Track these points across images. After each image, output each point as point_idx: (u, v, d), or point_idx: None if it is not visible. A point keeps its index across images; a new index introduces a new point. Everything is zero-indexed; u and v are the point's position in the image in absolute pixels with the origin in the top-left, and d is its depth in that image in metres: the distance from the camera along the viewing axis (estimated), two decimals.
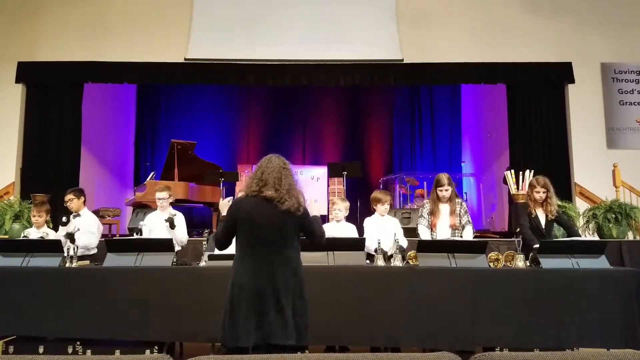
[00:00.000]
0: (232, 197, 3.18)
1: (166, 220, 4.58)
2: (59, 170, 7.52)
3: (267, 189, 2.68)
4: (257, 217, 2.66)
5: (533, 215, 4.35)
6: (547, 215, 4.34)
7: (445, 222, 4.33)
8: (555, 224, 4.44)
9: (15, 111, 7.59)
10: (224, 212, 2.98)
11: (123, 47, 7.68)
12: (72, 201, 4.75)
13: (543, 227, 4.33)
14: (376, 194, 4.65)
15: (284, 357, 1.49)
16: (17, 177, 7.45)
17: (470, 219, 4.41)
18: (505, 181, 6.82)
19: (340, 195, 7.72)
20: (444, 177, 4.38)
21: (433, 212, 4.36)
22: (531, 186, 4.45)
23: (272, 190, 2.67)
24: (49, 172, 7.49)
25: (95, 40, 7.72)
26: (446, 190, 4.32)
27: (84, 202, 4.85)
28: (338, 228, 4.48)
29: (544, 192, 4.32)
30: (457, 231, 4.33)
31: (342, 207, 4.54)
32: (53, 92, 7.71)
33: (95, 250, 4.74)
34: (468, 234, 4.29)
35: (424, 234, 4.35)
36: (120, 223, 8.10)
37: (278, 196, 2.66)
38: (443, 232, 4.31)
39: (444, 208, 4.36)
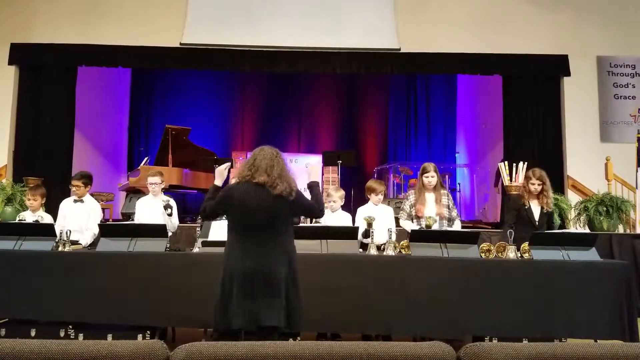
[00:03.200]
0: (229, 164, 3.17)
1: (165, 207, 4.57)
2: (52, 153, 7.46)
3: (259, 175, 2.70)
4: (249, 202, 2.68)
5: (526, 207, 4.39)
6: (542, 208, 4.37)
7: (431, 210, 4.36)
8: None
9: (8, 93, 7.50)
10: (217, 179, 3.00)
11: (118, 30, 7.59)
12: (79, 188, 4.74)
13: (537, 219, 4.36)
14: (371, 183, 4.66)
15: (276, 344, 1.50)
16: (9, 160, 7.39)
17: (457, 213, 4.47)
18: (498, 174, 6.86)
19: (334, 184, 7.73)
20: (429, 165, 4.47)
21: (419, 201, 4.40)
22: (527, 178, 4.49)
23: (264, 175, 2.69)
24: (42, 156, 7.42)
25: (90, 22, 7.62)
26: (432, 176, 4.37)
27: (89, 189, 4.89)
28: (334, 218, 4.49)
29: (539, 185, 4.36)
30: (444, 220, 4.36)
31: (336, 198, 4.55)
32: (47, 74, 7.61)
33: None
34: (457, 228, 4.34)
35: (408, 226, 4.39)
36: (114, 208, 8.08)
37: (270, 181, 2.68)
38: None
39: (430, 197, 4.41)
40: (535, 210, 4.39)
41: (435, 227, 4.26)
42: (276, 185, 2.68)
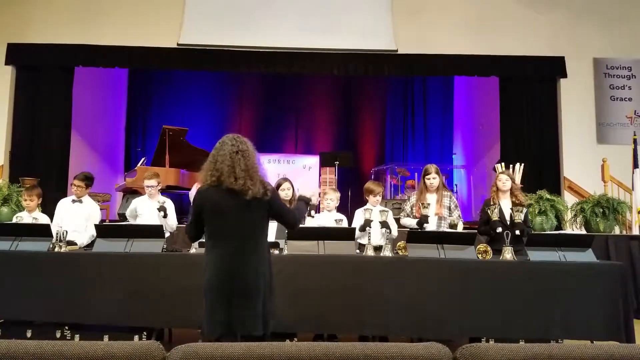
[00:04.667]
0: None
1: (159, 210, 4.56)
2: (49, 154, 7.46)
3: (225, 179, 2.55)
4: (222, 206, 2.57)
5: (496, 205, 4.39)
6: (513, 203, 4.37)
7: (432, 211, 4.39)
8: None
9: (5, 93, 7.49)
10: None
11: (115, 30, 7.59)
12: (79, 188, 4.75)
13: (507, 218, 4.32)
14: (369, 184, 4.69)
15: (273, 345, 1.50)
16: (6, 161, 7.38)
17: (460, 215, 4.49)
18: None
19: (332, 185, 7.74)
20: (431, 166, 4.54)
21: (421, 202, 4.42)
22: (496, 178, 4.58)
23: (232, 179, 2.54)
24: (39, 156, 7.42)
25: (87, 23, 7.61)
26: (433, 178, 4.43)
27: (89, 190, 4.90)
28: (329, 217, 4.52)
29: (506, 180, 4.43)
30: (442, 220, 4.39)
31: (333, 197, 4.58)
32: (43, 75, 7.61)
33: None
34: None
35: (409, 222, 4.46)
36: (110, 208, 8.06)
37: (238, 185, 2.53)
38: (431, 221, 4.36)
39: (432, 198, 4.45)
40: (506, 209, 4.38)
41: (433, 227, 4.29)
42: (248, 189, 2.53)
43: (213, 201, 2.59)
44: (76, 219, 4.66)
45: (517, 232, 4.00)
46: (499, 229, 4.01)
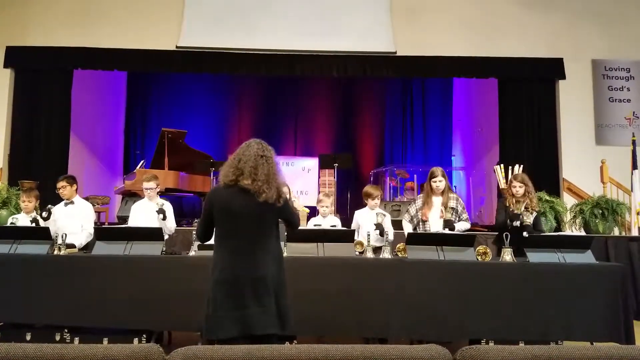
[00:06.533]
0: None
1: (158, 212, 4.56)
2: (48, 156, 7.45)
3: (243, 179, 2.57)
4: (233, 207, 2.57)
5: (511, 209, 4.41)
6: (527, 209, 4.38)
7: (437, 214, 4.40)
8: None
9: (4, 96, 7.48)
10: None
11: (114, 33, 7.59)
12: (64, 188, 4.71)
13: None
14: (367, 188, 4.72)
15: (273, 348, 1.50)
16: (4, 163, 7.37)
17: (467, 217, 4.50)
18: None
19: (330, 187, 7.75)
20: (437, 169, 4.51)
21: (426, 205, 4.43)
22: (509, 182, 4.61)
23: (249, 180, 2.56)
24: (38, 159, 7.41)
25: (86, 26, 7.61)
26: (439, 181, 4.41)
27: (76, 189, 4.82)
28: (324, 222, 4.57)
29: (520, 187, 4.42)
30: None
31: (327, 203, 4.70)
32: (42, 77, 7.60)
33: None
34: (460, 226, 4.37)
35: (406, 228, 4.50)
36: (109, 211, 8.06)
37: (255, 187, 2.54)
38: (435, 224, 4.37)
39: (437, 200, 4.44)
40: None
41: (438, 229, 4.29)
42: (262, 192, 2.53)
43: (224, 200, 2.60)
44: (72, 221, 4.62)
45: (525, 234, 4.06)
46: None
